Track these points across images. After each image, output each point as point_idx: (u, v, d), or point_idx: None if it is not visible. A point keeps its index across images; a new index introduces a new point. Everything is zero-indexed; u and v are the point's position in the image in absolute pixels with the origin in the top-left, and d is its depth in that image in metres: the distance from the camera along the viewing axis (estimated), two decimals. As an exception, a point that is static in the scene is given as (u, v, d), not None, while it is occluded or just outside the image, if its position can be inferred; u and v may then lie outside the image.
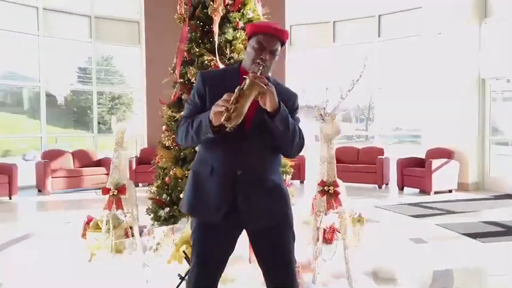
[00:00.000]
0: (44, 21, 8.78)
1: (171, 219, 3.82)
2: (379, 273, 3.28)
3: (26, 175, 8.24)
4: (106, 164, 8.55)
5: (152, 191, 4.01)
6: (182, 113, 1.92)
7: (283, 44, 1.82)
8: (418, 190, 7.78)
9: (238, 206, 1.78)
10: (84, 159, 8.71)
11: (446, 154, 7.77)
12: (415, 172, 7.72)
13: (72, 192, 8.07)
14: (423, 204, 6.52)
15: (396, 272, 3.29)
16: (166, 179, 3.93)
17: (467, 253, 4.02)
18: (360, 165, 8.59)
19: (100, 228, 3.68)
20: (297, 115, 1.93)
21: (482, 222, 5.24)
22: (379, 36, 9.31)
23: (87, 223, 4.02)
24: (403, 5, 8.97)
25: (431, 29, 8.17)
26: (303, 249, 3.53)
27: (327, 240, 3.87)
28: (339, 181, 3.06)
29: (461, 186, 7.72)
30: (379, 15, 9.30)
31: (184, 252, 2.81)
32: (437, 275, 3.35)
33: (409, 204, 6.59)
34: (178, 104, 4.04)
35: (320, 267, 3.13)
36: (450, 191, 7.59)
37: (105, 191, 3.06)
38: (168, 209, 3.81)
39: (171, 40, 9.37)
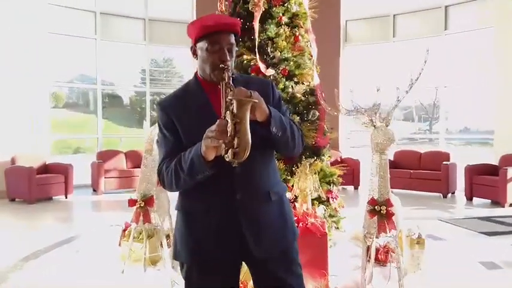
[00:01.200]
0: (104, 25, 9.02)
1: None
2: (441, 308, 2.78)
3: (82, 174, 8.53)
4: (157, 165, 8.63)
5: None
6: (159, 150, 1.63)
7: (236, 35, 1.55)
8: (489, 201, 6.92)
9: (244, 234, 1.51)
10: (136, 159, 8.82)
11: (524, 161, 6.82)
12: (487, 181, 6.87)
13: (124, 193, 8.19)
14: (496, 219, 5.72)
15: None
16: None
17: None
18: (422, 171, 7.84)
19: (135, 238, 3.53)
20: (282, 106, 1.64)
21: None
22: (445, 29, 8.46)
23: (125, 230, 3.90)
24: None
25: (506, 19, 7.23)
26: (352, 272, 3.13)
27: (381, 262, 3.41)
28: (393, 198, 2.61)
29: (543, 198, 6.73)
30: (446, 6, 8.45)
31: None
32: (515, 314, 2.77)
33: (480, 218, 5.83)
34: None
35: (370, 295, 2.71)
36: (529, 204, 6.65)
37: (132, 202, 2.86)
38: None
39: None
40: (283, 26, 3.66)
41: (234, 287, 1.62)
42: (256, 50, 3.49)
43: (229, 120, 1.29)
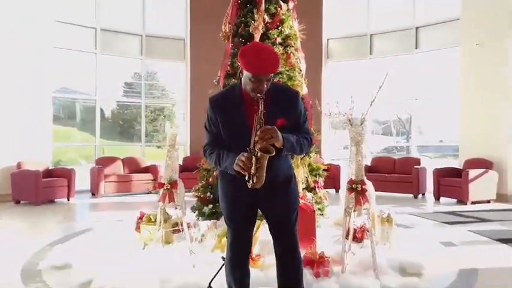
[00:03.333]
0: (101, 40, 9.66)
1: (213, 215, 4.25)
2: (406, 269, 3.50)
3: (79, 180, 9.02)
4: (153, 170, 9.21)
5: (197, 189, 4.47)
6: (206, 133, 2.27)
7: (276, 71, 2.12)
8: (455, 200, 7.79)
9: (259, 202, 2.22)
10: (133, 165, 9.42)
11: (484, 164, 7.74)
12: (452, 182, 7.75)
13: (122, 196, 8.75)
14: (458, 213, 6.57)
15: (423, 268, 3.51)
16: (210, 179, 4.38)
17: (496, 256, 4.14)
18: (396, 175, 8.70)
19: (152, 222, 4.18)
20: (303, 117, 2.21)
21: (517, 230, 5.29)
22: (416, 48, 9.45)
23: (140, 218, 4.52)
24: (441, 17, 9.09)
25: (470, 40, 8.23)
26: (335, 246, 3.83)
27: (358, 239, 4.13)
28: (366, 181, 3.36)
29: (501, 197, 7.64)
30: (416, 28, 9.46)
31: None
32: (462, 273, 3.52)
33: (444, 212, 6.66)
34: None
35: (349, 260, 3.42)
36: (488, 202, 7.54)
37: (160, 185, 3.53)
38: (211, 205, 4.25)
39: (213, 56, 10.00)
40: (277, 45, 4.41)
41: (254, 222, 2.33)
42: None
43: (253, 163, 1.95)
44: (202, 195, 4.34)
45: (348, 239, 3.50)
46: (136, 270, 3.35)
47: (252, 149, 1.99)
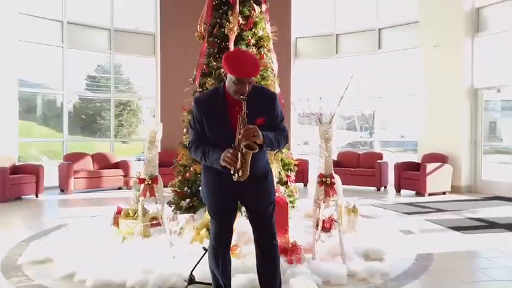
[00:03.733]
0: (68, 34, 9.49)
1: (191, 209, 4.44)
2: (369, 254, 3.85)
3: (46, 176, 8.88)
4: (123, 166, 9.21)
5: (175, 184, 4.64)
6: (191, 132, 2.46)
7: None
8: (414, 192, 8.33)
9: (241, 195, 2.44)
10: (102, 161, 9.37)
11: (440, 159, 8.32)
12: (411, 175, 8.28)
13: (92, 192, 8.70)
14: (417, 204, 7.07)
15: (384, 253, 3.86)
16: (187, 174, 4.56)
17: (449, 242, 4.57)
18: (360, 169, 9.16)
19: (130, 216, 4.31)
20: (280, 116, 2.42)
21: (468, 218, 5.79)
22: (379, 48, 9.94)
23: (117, 213, 4.63)
24: (402, 19, 9.61)
25: (428, 42, 8.78)
26: (305, 235, 4.11)
27: (326, 229, 4.44)
28: (334, 175, 3.66)
29: (455, 189, 8.26)
30: (379, 29, 9.94)
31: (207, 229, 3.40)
32: (418, 257, 3.91)
33: (405, 203, 7.15)
34: (197, 110, 4.66)
35: (319, 248, 3.71)
36: (444, 193, 8.13)
37: (141, 180, 3.67)
38: (189, 200, 4.43)
39: (184, 52, 10.08)
40: (251, 47, 4.63)
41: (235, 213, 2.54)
42: (231, 65, 4.44)
43: (238, 158, 2.16)
44: (179, 190, 4.50)
45: (317, 229, 3.79)
46: (118, 262, 3.49)
47: (236, 146, 2.19)
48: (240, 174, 2.19)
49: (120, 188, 9.18)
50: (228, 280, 2.56)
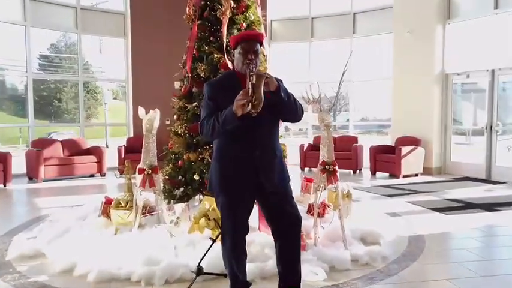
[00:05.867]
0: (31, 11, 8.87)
1: (185, 198, 4.35)
2: (366, 238, 3.96)
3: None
4: (96, 152, 8.86)
5: (166, 172, 4.51)
6: (203, 111, 2.42)
7: (261, 43, 2.40)
8: (388, 174, 8.62)
9: (259, 176, 2.38)
10: (73, 148, 8.97)
11: (413, 142, 8.64)
12: (386, 158, 8.55)
13: (64, 180, 8.34)
14: (394, 186, 7.34)
15: (379, 237, 3.98)
16: (179, 162, 4.44)
17: (435, 223, 4.79)
18: (336, 152, 9.29)
19: (121, 206, 4.17)
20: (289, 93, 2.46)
21: (445, 199, 6.09)
22: (354, 32, 10.04)
23: (106, 203, 4.46)
24: (376, 4, 9.73)
25: (402, 28, 8.97)
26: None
27: (319, 215, 4.51)
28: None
29: (426, 171, 8.63)
30: (354, 13, 10.02)
31: (215, 219, 3.35)
32: (411, 239, 4.07)
33: (382, 186, 7.39)
34: (189, 96, 4.53)
35: (319, 233, 3.76)
36: (416, 175, 8.47)
37: (141, 171, 3.54)
38: (183, 188, 4.33)
39: (155, 33, 9.72)
40: (243, 30, 4.52)
41: (251, 210, 2.50)
42: (225, 50, 4.33)
43: (249, 87, 2.12)
44: (172, 178, 4.39)
45: (316, 215, 3.83)
46: (118, 255, 3.37)
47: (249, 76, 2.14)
48: (254, 101, 2.10)
49: (92, 176, 8.85)
50: (244, 275, 2.52)
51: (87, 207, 5.20)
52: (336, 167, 3.57)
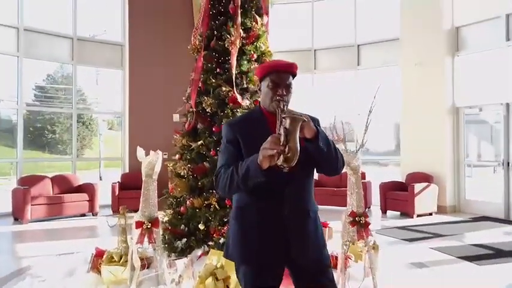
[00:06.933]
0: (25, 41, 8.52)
1: (187, 250, 3.79)
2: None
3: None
4: (87, 189, 8.29)
5: (165, 221, 3.98)
6: (220, 157, 1.93)
7: (294, 76, 1.92)
8: (399, 213, 8.09)
9: (289, 244, 1.87)
10: (63, 184, 8.39)
11: (425, 178, 8.16)
12: (398, 196, 8.04)
13: (53, 221, 7.72)
14: (410, 228, 6.79)
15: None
16: (181, 208, 3.92)
17: (467, 276, 4.24)
18: (343, 188, 8.78)
19: (114, 261, 3.60)
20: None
21: (471, 245, 5.54)
22: (358, 64, 9.77)
23: (96, 256, 3.90)
24: (382, 36, 9.50)
25: (409, 60, 8.70)
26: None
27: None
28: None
29: (440, 209, 8.11)
30: (358, 45, 9.79)
31: (223, 280, 2.81)
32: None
33: (397, 227, 6.84)
34: (193, 133, 4.07)
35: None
36: (431, 214, 7.95)
37: (139, 224, 3.01)
38: (186, 239, 3.78)
39: (154, 65, 9.40)
40: (253, 62, 4.12)
41: (280, 279, 1.96)
42: (234, 82, 3.90)
43: (282, 133, 1.61)
44: (173, 227, 3.85)
45: (339, 270, 3.30)
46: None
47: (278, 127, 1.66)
48: (286, 154, 1.58)
49: (83, 215, 8.23)
50: None
51: (75, 258, 4.61)
52: (368, 219, 3.05)
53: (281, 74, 1.87)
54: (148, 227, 2.99)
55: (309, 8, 10.26)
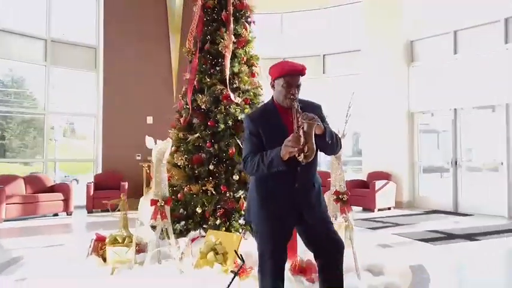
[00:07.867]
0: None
1: (185, 232, 4.17)
2: (371, 269, 3.97)
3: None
4: (62, 189, 8.33)
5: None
6: (245, 145, 2.43)
7: (303, 75, 2.38)
8: (361, 208, 8.81)
9: (300, 212, 2.41)
10: (36, 185, 8.38)
11: (384, 176, 8.96)
12: (361, 192, 8.77)
13: (27, 220, 7.71)
14: (373, 219, 7.50)
15: (383, 268, 4.01)
16: (179, 195, 4.29)
17: (425, 253, 4.92)
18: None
19: (118, 243, 3.92)
20: (326, 123, 2.47)
21: (427, 230, 6.29)
22: (323, 73, 10.52)
23: (97, 240, 4.17)
24: (345, 47, 10.31)
25: (369, 69, 9.54)
26: (307, 252, 4.10)
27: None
28: (342, 192, 3.74)
29: (397, 204, 8.93)
30: (324, 55, 10.54)
31: (235, 252, 3.22)
32: (413, 269, 4.13)
33: (361, 219, 7.52)
34: (188, 128, 4.46)
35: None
36: (389, 208, 8.73)
37: (153, 202, 3.37)
38: (184, 222, 4.16)
39: (127, 68, 9.61)
40: (243, 65, 4.59)
41: (290, 238, 2.46)
42: (227, 82, 4.36)
43: (301, 135, 2.12)
44: (171, 212, 4.21)
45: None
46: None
47: (296, 127, 2.12)
48: (305, 152, 2.07)
49: (56, 215, 8.26)
50: None
51: (67, 248, 4.82)
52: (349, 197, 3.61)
53: (294, 76, 2.32)
54: (162, 204, 3.36)
55: (278, 19, 10.92)
